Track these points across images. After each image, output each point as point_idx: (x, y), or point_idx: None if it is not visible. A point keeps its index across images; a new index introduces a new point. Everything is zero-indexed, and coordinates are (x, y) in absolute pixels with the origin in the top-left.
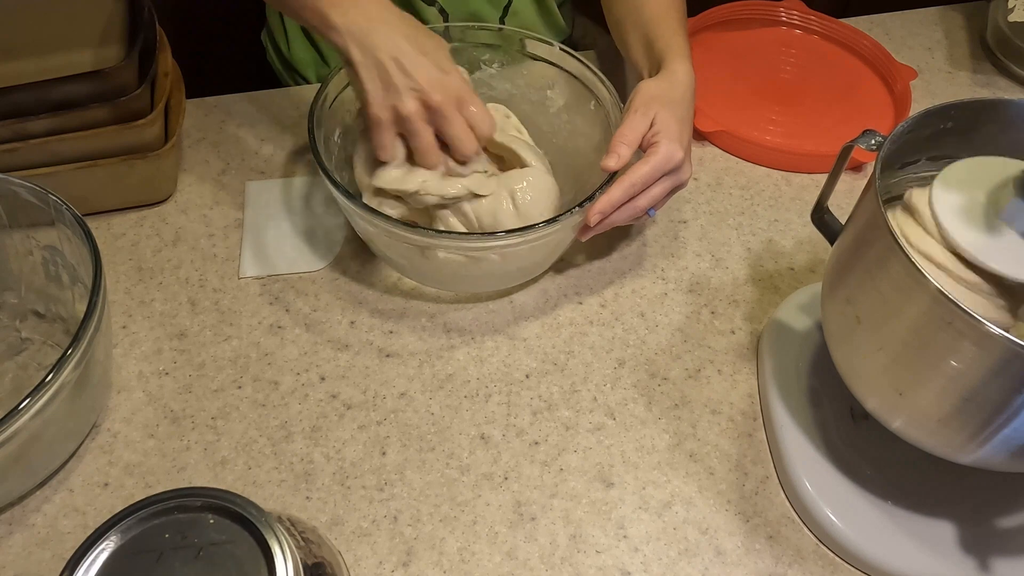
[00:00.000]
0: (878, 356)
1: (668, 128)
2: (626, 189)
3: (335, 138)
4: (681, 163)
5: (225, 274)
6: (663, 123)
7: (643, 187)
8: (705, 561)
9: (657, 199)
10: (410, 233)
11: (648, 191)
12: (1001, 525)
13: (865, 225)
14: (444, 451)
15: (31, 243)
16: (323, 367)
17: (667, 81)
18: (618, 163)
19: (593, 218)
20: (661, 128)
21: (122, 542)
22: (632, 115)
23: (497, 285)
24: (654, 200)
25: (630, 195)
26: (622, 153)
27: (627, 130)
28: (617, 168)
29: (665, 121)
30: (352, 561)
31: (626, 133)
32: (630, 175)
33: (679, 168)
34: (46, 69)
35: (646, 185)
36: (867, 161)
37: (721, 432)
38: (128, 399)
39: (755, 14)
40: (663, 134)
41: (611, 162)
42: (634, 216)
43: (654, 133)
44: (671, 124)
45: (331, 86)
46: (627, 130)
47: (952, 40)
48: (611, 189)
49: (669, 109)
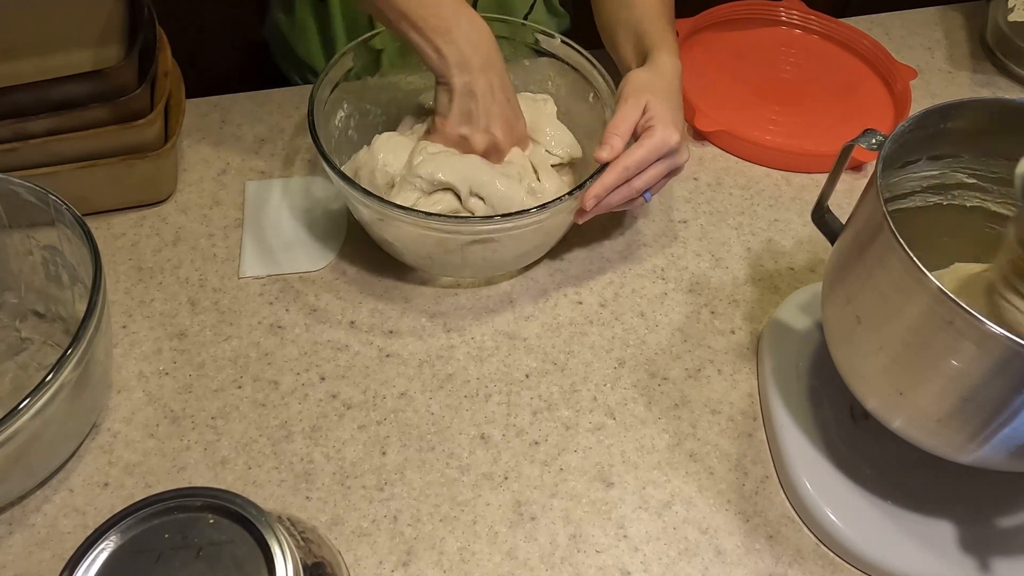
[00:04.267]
0: (878, 356)
1: (661, 114)
2: (619, 173)
3: (335, 123)
4: (677, 146)
5: (225, 274)
6: (655, 109)
7: (637, 170)
8: (705, 561)
9: (653, 182)
10: (408, 215)
11: (644, 174)
12: (1001, 525)
13: (866, 224)
14: (444, 451)
15: (31, 243)
16: (323, 367)
17: (654, 71)
18: (611, 154)
19: (588, 202)
20: (655, 114)
21: (122, 542)
22: (623, 105)
23: (492, 271)
24: (650, 183)
25: (623, 179)
26: (615, 144)
27: (619, 120)
28: (610, 159)
29: (657, 108)
30: (352, 561)
31: (618, 124)
32: (624, 159)
33: (675, 152)
34: (46, 69)
35: (640, 168)
36: (867, 161)
37: (721, 432)
38: (128, 399)
39: (755, 14)
40: (657, 119)
41: (604, 153)
42: (630, 198)
43: (648, 119)
44: (663, 110)
45: (328, 77)
46: (619, 120)
47: (952, 40)
48: (605, 173)
49: (659, 97)
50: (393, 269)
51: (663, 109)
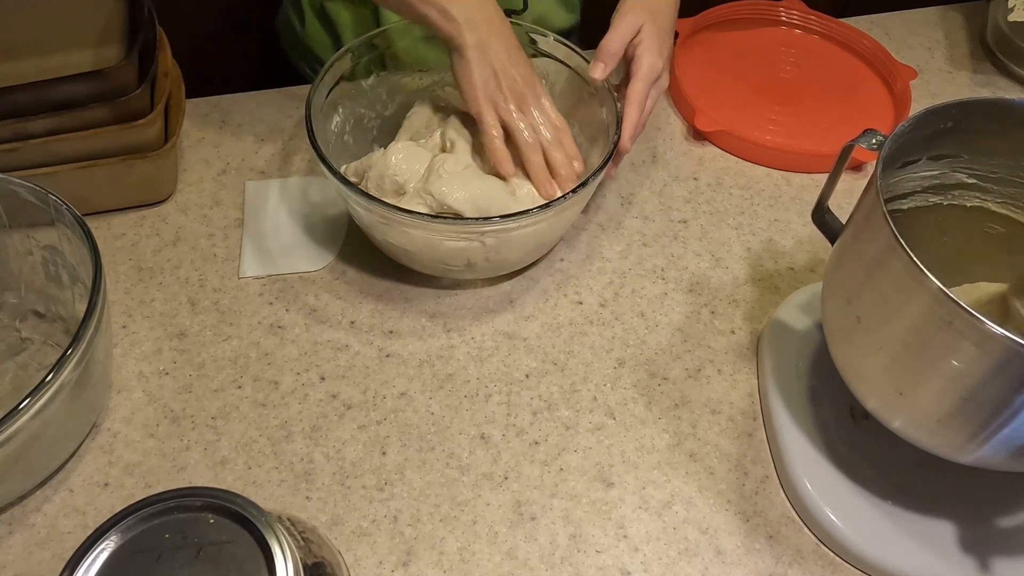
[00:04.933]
0: (878, 356)
1: (649, 39)
2: (637, 107)
3: (332, 127)
4: (661, 72)
5: (225, 274)
6: (646, 33)
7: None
8: (705, 561)
9: (651, 112)
10: (408, 218)
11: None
12: (1001, 525)
13: (866, 224)
14: (444, 451)
15: (31, 243)
16: (323, 367)
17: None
18: (602, 73)
19: (628, 144)
20: (644, 38)
21: (122, 542)
22: (620, 21)
23: (494, 272)
24: (650, 113)
25: (641, 110)
26: (607, 62)
27: (615, 36)
28: (603, 77)
29: (648, 31)
30: (352, 561)
31: (613, 39)
32: (633, 96)
33: (659, 77)
34: (46, 69)
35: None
36: (867, 161)
37: (721, 432)
38: (128, 399)
39: (755, 14)
40: (644, 46)
41: (596, 72)
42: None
43: (637, 43)
44: (652, 35)
45: (328, 76)
46: (615, 36)
47: (952, 40)
48: (627, 113)
49: (654, 18)
50: (393, 269)
51: (653, 34)
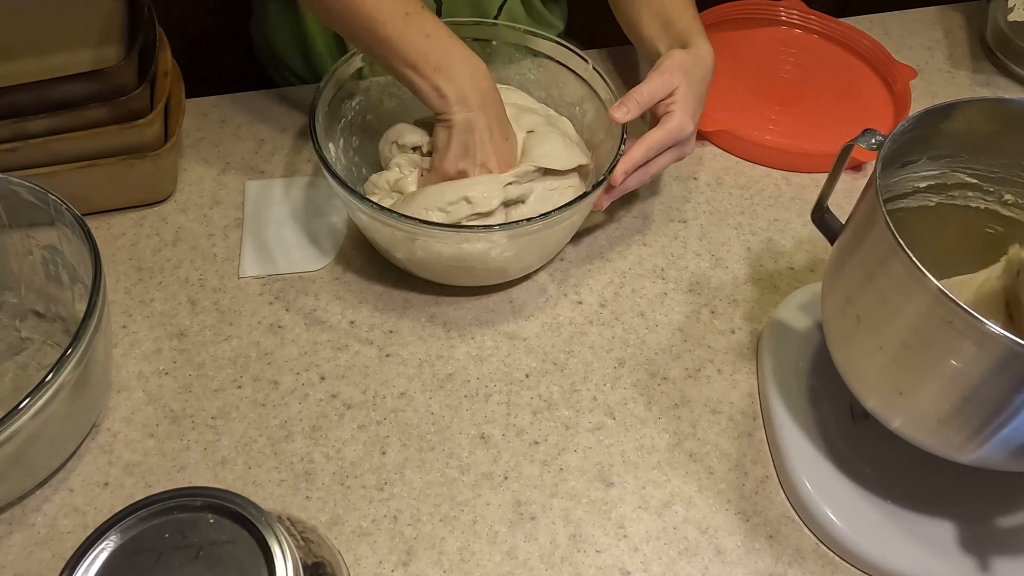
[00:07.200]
0: (878, 356)
1: (685, 100)
2: (645, 150)
3: (336, 132)
4: (689, 137)
5: (225, 274)
6: (682, 95)
7: (657, 152)
8: (705, 561)
9: (663, 167)
10: (406, 223)
11: (659, 158)
12: (1001, 525)
13: (865, 224)
14: (444, 451)
15: (31, 243)
16: (323, 367)
17: (695, 57)
18: (625, 116)
19: (618, 178)
20: (679, 99)
21: (122, 542)
22: (657, 77)
23: (495, 279)
24: (661, 168)
25: (647, 157)
26: (632, 109)
27: (646, 89)
28: (623, 120)
29: (684, 93)
30: (352, 561)
31: (643, 91)
32: (647, 139)
33: (686, 141)
34: (46, 69)
35: (660, 151)
36: (867, 161)
37: (721, 432)
38: (128, 399)
39: (755, 14)
40: (680, 104)
41: (618, 114)
42: (643, 181)
43: (671, 102)
44: (688, 98)
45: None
46: (646, 89)
47: (952, 40)
48: (631, 150)
49: (690, 83)
50: (393, 269)
51: (688, 96)
